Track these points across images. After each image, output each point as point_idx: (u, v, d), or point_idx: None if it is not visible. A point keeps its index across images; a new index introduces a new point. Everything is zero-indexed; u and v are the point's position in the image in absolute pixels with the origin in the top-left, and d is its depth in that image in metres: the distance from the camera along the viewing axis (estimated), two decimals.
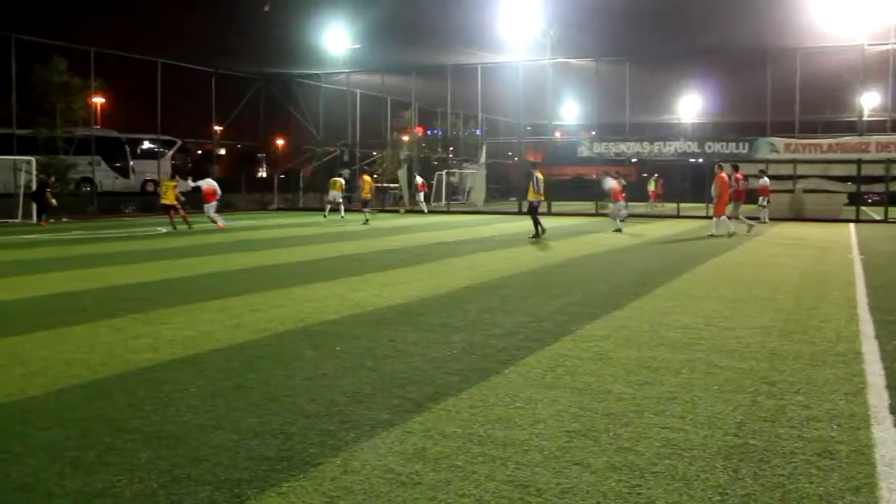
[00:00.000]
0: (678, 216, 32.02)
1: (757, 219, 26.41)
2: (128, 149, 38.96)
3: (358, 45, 36.04)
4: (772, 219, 28.95)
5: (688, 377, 6.01)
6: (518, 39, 33.14)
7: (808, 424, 4.89)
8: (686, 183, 38.35)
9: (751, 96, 33.49)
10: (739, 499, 3.75)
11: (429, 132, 45.11)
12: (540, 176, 20.25)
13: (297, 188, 41.90)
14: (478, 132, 43.36)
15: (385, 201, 39.92)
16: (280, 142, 52.14)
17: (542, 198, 20.17)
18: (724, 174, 21.44)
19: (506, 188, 48.32)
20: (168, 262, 14.66)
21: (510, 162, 47.88)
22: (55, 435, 4.69)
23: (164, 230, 23.46)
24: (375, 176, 40.97)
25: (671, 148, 32.92)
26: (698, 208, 32.00)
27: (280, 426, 4.82)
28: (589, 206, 33.68)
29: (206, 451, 4.40)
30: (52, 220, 26.74)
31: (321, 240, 19.82)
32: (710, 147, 32.20)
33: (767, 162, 31.95)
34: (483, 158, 37.15)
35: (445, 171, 42.03)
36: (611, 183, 23.35)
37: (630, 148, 33.86)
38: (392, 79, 40.17)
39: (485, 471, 4.10)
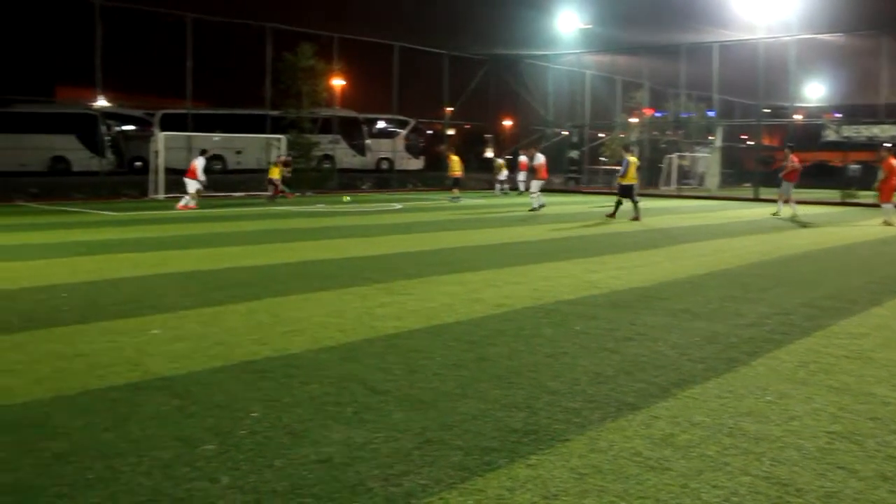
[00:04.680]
0: None
1: None
2: (364, 128, 41.13)
3: (589, 26, 35.63)
4: None
5: None
6: (757, 15, 31.28)
7: None
8: None
9: None
10: None
11: (657, 114, 43.62)
12: (632, 159, 20.51)
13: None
14: (710, 114, 41.32)
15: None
16: (507, 122, 52.76)
17: (635, 181, 20.59)
18: (892, 159, 19.94)
19: (739, 173, 45.90)
20: (404, 236, 15.35)
21: (743, 146, 45.33)
22: (315, 390, 5.06)
23: (399, 206, 24.55)
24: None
25: None
26: None
27: (525, 400, 4.90)
28: (833, 194, 31.16)
29: (455, 417, 4.55)
30: (297, 194, 28.85)
31: (547, 220, 19.83)
32: None
33: None
34: (719, 142, 35.50)
35: (676, 153, 40.46)
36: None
37: (885, 131, 30.86)
38: (623, 58, 39.33)
39: (738, 464, 3.93)
